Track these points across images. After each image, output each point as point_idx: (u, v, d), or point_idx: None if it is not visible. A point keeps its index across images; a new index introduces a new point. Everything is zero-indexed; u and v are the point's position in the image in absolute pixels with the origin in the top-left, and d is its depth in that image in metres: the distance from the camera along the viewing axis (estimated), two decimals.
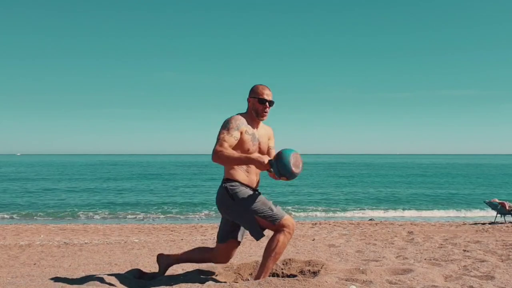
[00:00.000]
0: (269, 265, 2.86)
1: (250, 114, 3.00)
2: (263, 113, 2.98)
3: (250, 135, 2.92)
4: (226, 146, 2.77)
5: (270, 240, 2.85)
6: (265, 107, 2.97)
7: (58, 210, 15.76)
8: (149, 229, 9.44)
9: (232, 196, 2.87)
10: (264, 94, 2.98)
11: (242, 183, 2.91)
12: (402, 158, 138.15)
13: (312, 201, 18.51)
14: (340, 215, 14.24)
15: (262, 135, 3.04)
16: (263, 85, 3.03)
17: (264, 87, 3.01)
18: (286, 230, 2.82)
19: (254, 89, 3.02)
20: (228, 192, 2.88)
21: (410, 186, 26.89)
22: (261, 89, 3.00)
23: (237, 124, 2.87)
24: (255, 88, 3.02)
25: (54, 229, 9.54)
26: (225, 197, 2.90)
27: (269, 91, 3.01)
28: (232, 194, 2.87)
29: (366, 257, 4.41)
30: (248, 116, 2.99)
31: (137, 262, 4.42)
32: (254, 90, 3.02)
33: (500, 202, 9.98)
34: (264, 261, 2.86)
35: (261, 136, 3.03)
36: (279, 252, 2.83)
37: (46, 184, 27.99)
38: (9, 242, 6.83)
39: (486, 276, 3.18)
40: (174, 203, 18.10)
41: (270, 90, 3.03)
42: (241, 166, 2.90)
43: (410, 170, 49.13)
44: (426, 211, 15.26)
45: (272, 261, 2.85)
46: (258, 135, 3.00)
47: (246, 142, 2.89)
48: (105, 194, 22.07)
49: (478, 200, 17.38)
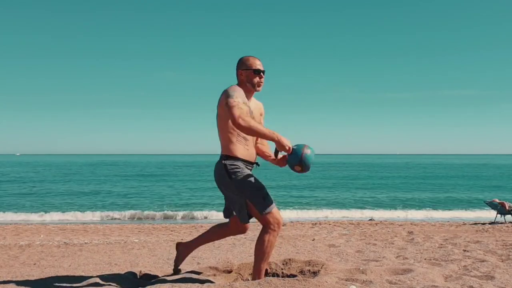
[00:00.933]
0: (261, 267, 2.85)
1: (244, 87, 2.90)
2: (259, 83, 2.93)
3: (248, 108, 2.84)
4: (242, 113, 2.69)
5: (258, 241, 2.82)
6: (261, 77, 2.93)
7: (58, 210, 15.76)
8: (149, 229, 9.43)
9: (230, 175, 2.81)
10: (257, 64, 2.93)
11: (242, 160, 2.86)
12: (402, 158, 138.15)
13: (312, 201, 18.51)
14: (340, 215, 14.24)
15: (254, 109, 2.97)
16: (252, 56, 2.97)
17: (254, 58, 2.96)
18: (271, 228, 2.78)
19: (244, 61, 2.94)
20: (227, 170, 2.82)
21: (410, 186, 26.89)
22: (252, 60, 2.94)
23: (241, 94, 2.81)
24: (246, 60, 2.94)
25: (54, 229, 9.53)
26: (223, 175, 2.84)
27: (260, 61, 2.95)
28: (230, 173, 2.81)
29: (366, 257, 4.41)
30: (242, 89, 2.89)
31: (137, 262, 4.42)
32: (244, 62, 2.93)
33: (500, 202, 9.97)
34: (255, 264, 2.86)
35: (254, 110, 2.96)
36: (268, 252, 2.81)
37: (45, 184, 27.99)
38: (9, 242, 6.83)
39: (486, 276, 3.18)
40: (174, 203, 18.11)
41: (260, 60, 2.97)
42: (240, 139, 2.84)
43: (410, 170, 49.14)
44: (426, 211, 15.26)
45: (263, 262, 2.84)
46: (252, 108, 2.92)
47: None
48: (105, 194, 22.07)
49: (478, 200, 17.39)
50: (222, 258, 4.52)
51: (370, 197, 20.49)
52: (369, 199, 19.65)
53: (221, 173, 2.85)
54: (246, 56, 2.97)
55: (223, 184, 2.87)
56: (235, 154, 2.84)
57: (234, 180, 2.80)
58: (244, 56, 2.97)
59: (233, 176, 2.80)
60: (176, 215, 14.48)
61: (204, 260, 4.45)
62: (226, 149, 2.86)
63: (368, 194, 21.66)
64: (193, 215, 14.48)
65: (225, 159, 2.84)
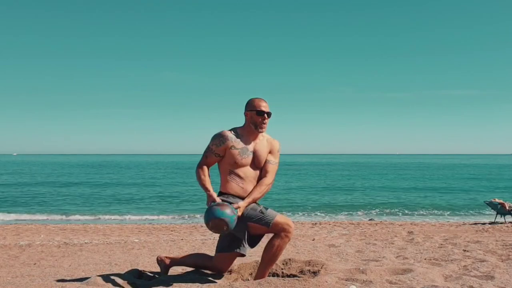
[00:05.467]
0: (266, 272, 2.98)
1: (248, 128, 3.05)
2: (261, 125, 3.03)
3: (238, 149, 2.98)
4: (203, 163, 3.01)
5: (267, 245, 2.92)
6: (263, 119, 3.02)
7: (58, 210, 15.76)
8: (149, 229, 9.44)
9: None
10: (262, 106, 3.03)
11: (234, 196, 2.99)
12: (401, 158, 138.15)
13: (312, 201, 18.50)
14: (340, 215, 14.24)
15: (260, 148, 3.08)
16: (259, 98, 3.08)
17: (260, 100, 3.07)
18: (283, 234, 2.88)
19: (250, 103, 3.06)
20: None
21: (409, 186, 26.89)
22: (258, 101, 3.05)
23: (220, 141, 2.98)
24: (251, 101, 3.06)
25: (54, 229, 9.54)
26: None
27: (265, 103, 3.06)
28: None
29: (366, 257, 4.41)
30: (245, 129, 3.06)
31: (137, 262, 4.42)
32: (250, 103, 3.06)
33: (500, 202, 9.97)
34: (261, 267, 2.98)
35: (258, 150, 3.06)
36: (276, 256, 2.94)
37: (45, 184, 27.99)
38: (9, 242, 6.84)
39: (486, 276, 3.18)
40: (174, 203, 18.11)
41: (266, 102, 3.08)
42: (235, 177, 3.00)
43: (410, 170, 49.14)
44: (426, 211, 15.26)
45: (269, 266, 2.98)
46: (254, 148, 3.05)
47: (232, 156, 2.97)
48: (105, 193, 22.07)
49: (478, 200, 17.39)
50: None
51: (370, 197, 20.48)
52: (369, 199, 19.64)
53: None
54: (253, 98, 3.10)
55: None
56: (227, 190, 3.01)
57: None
58: (252, 98, 3.10)
59: None
60: (176, 215, 14.49)
61: None
62: (222, 186, 3.07)
63: (368, 194, 21.66)
64: (193, 215, 14.50)
65: (218, 195, 3.00)
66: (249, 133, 3.05)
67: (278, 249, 2.88)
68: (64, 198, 19.80)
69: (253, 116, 3.01)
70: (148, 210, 15.87)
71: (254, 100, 3.06)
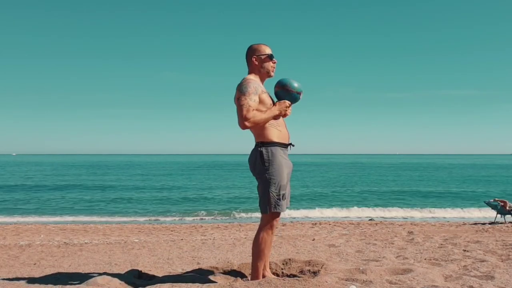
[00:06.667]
0: (256, 265, 2.89)
1: (258, 73, 2.96)
2: (273, 68, 2.98)
3: (266, 93, 2.90)
4: (252, 110, 2.75)
5: (254, 239, 2.89)
6: (274, 62, 2.98)
7: (58, 210, 15.76)
8: (149, 229, 9.44)
9: (264, 162, 2.83)
10: (269, 49, 2.98)
11: (277, 143, 2.87)
12: (401, 158, 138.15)
13: (311, 201, 18.50)
14: (340, 215, 14.24)
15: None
16: (263, 43, 3.00)
17: (266, 45, 2.99)
18: (268, 228, 2.84)
19: (256, 48, 2.96)
20: (262, 157, 2.84)
21: (409, 186, 26.89)
22: (264, 46, 2.98)
23: (255, 87, 2.83)
24: (257, 46, 2.96)
25: (54, 229, 9.54)
26: (258, 161, 2.86)
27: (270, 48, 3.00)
28: (265, 160, 2.83)
29: (366, 257, 4.41)
30: (257, 76, 2.95)
31: (137, 262, 4.42)
32: (257, 48, 2.96)
33: (500, 201, 9.98)
34: (252, 262, 2.92)
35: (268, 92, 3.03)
36: (263, 249, 2.85)
37: (45, 183, 27.98)
38: (9, 242, 6.84)
39: (486, 276, 3.17)
40: (174, 203, 18.11)
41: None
42: (272, 122, 2.86)
43: (410, 170, 49.14)
44: (426, 211, 15.26)
45: (259, 259, 2.88)
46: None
47: (266, 102, 2.86)
48: (104, 193, 22.07)
49: (477, 200, 17.38)
50: (222, 258, 4.53)
51: (370, 197, 20.48)
52: (369, 199, 19.65)
53: (256, 160, 2.88)
54: (258, 43, 2.99)
55: (257, 171, 2.89)
56: (270, 138, 2.86)
57: (266, 168, 2.83)
58: (255, 44, 2.99)
59: (267, 164, 2.83)
60: (176, 215, 14.49)
61: (204, 260, 4.45)
62: (259, 136, 2.88)
63: (368, 194, 21.66)
64: (193, 215, 14.50)
65: (260, 146, 2.86)
66: (261, 79, 2.97)
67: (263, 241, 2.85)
68: (64, 198, 19.80)
69: (265, 60, 2.93)
70: (148, 210, 15.87)
71: (261, 45, 2.96)
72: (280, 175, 2.84)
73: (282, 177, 2.84)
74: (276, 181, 2.82)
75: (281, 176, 2.84)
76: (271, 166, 2.83)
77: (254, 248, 2.88)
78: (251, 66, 2.97)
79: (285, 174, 2.87)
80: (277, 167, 2.84)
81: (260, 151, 2.85)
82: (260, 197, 2.88)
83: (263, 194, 2.85)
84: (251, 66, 2.97)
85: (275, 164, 2.83)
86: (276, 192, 2.82)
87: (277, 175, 2.83)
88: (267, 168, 2.83)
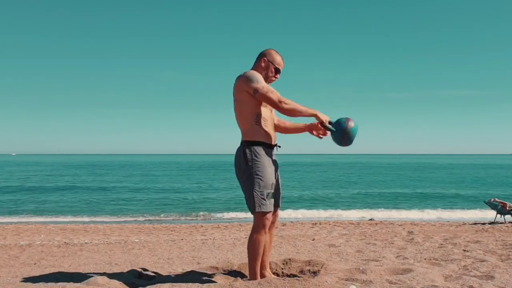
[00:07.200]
0: (252, 265, 2.88)
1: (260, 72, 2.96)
2: (271, 80, 3.00)
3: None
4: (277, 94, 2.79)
5: (248, 240, 2.88)
6: (276, 77, 3.01)
7: (58, 210, 15.77)
8: (149, 229, 9.44)
9: (247, 161, 2.83)
10: (282, 65, 3.01)
11: (263, 143, 2.87)
12: (401, 158, 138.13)
13: (311, 201, 18.50)
14: (340, 215, 14.23)
15: None
16: (282, 56, 3.03)
17: (282, 58, 3.02)
18: (260, 228, 2.83)
19: (273, 55, 2.99)
20: (245, 155, 2.83)
21: (409, 186, 26.88)
22: (280, 60, 3.01)
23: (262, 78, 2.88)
24: (274, 54, 2.99)
25: (54, 229, 9.54)
26: (241, 160, 2.86)
27: (283, 64, 3.03)
28: (248, 159, 2.83)
29: (366, 257, 4.41)
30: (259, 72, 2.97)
31: (137, 262, 4.42)
32: (273, 56, 2.99)
33: (500, 202, 9.97)
34: (248, 263, 2.92)
35: None
36: (256, 249, 2.84)
37: (44, 184, 27.98)
38: (9, 242, 6.84)
39: (486, 276, 3.18)
40: (174, 203, 18.11)
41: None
42: (259, 121, 2.87)
43: (410, 170, 49.12)
44: (426, 211, 15.25)
45: (254, 260, 2.87)
46: None
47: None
48: (104, 193, 22.06)
49: (478, 200, 17.38)
50: (222, 258, 4.53)
51: (370, 197, 20.48)
52: (369, 199, 19.64)
53: (240, 159, 2.87)
54: (278, 53, 3.02)
55: (241, 170, 2.88)
56: (255, 138, 2.86)
57: (249, 167, 2.82)
58: (275, 50, 3.02)
59: (250, 164, 2.82)
60: (176, 215, 14.50)
61: (204, 260, 4.45)
62: (246, 134, 2.89)
63: (368, 194, 21.66)
64: (193, 215, 14.50)
65: (244, 145, 2.87)
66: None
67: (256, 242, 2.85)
68: (64, 198, 19.80)
69: (271, 69, 2.97)
70: (148, 210, 15.87)
71: (277, 55, 3.00)
72: (263, 174, 2.82)
73: (266, 176, 2.83)
74: (259, 181, 2.80)
75: (264, 176, 2.82)
76: (254, 166, 2.82)
77: (248, 248, 2.88)
78: (258, 64, 2.99)
79: (269, 174, 2.85)
80: (261, 166, 2.82)
81: (243, 151, 2.85)
82: (246, 197, 2.87)
83: (248, 194, 2.84)
84: (257, 64, 2.99)
85: (258, 163, 2.82)
86: (260, 192, 2.80)
87: (260, 174, 2.81)
88: (251, 167, 2.82)
